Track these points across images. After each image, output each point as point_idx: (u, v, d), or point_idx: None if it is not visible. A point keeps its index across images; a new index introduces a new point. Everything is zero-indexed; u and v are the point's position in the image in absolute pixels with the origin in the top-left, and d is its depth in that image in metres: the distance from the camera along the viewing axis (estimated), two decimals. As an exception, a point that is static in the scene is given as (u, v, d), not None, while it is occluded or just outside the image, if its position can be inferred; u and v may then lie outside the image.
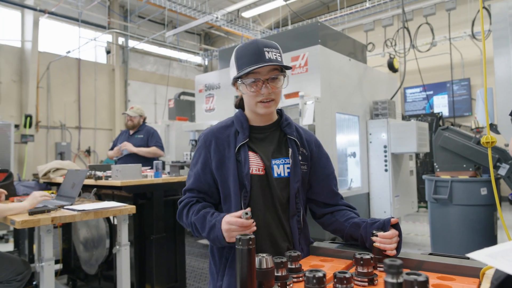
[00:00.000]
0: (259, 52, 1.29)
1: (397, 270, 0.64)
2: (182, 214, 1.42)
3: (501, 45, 3.05)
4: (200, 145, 1.43)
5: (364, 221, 1.35)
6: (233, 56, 1.36)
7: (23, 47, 10.43)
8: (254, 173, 1.35)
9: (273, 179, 1.36)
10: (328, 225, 1.47)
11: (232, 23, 10.49)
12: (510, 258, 0.66)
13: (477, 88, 9.75)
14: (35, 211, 2.22)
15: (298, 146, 1.42)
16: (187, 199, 1.41)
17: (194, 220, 1.34)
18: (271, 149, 1.41)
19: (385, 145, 5.10)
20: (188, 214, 1.37)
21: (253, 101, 1.34)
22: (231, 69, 1.38)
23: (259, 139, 1.42)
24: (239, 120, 1.42)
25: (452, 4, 7.58)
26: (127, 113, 4.56)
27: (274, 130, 1.45)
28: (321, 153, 1.51)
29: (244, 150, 1.36)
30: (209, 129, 1.46)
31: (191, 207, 1.38)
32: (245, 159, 1.34)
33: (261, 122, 1.43)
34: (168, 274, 3.42)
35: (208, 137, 1.42)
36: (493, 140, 2.00)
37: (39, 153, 10.67)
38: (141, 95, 13.55)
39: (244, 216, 1.17)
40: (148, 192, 3.24)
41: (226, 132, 1.42)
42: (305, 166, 1.43)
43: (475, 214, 3.83)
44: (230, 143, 1.38)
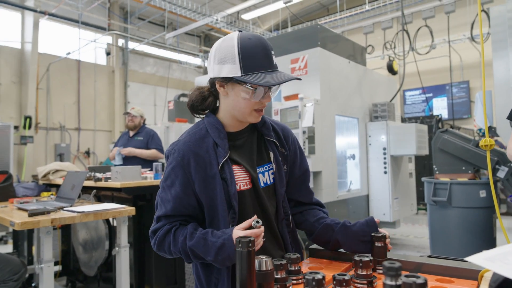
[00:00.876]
0: (269, 56, 1.17)
1: (396, 273, 0.64)
2: (164, 243, 1.21)
3: (500, 48, 3.07)
4: (175, 164, 1.22)
5: (336, 223, 1.29)
6: (235, 50, 1.15)
7: (23, 48, 10.44)
8: (242, 189, 1.24)
9: (261, 190, 1.27)
10: (298, 224, 1.41)
11: (232, 25, 10.51)
12: (508, 262, 0.67)
13: (476, 91, 9.78)
14: (34, 212, 2.22)
15: (277, 147, 1.34)
16: (167, 226, 1.22)
17: (191, 246, 1.15)
18: (254, 157, 1.30)
19: (385, 147, 5.11)
20: (176, 241, 1.19)
21: (249, 109, 1.21)
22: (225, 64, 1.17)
23: (238, 146, 1.28)
24: (215, 128, 1.25)
25: (451, 7, 7.61)
26: (130, 111, 4.57)
27: (251, 132, 1.33)
28: (296, 149, 1.42)
29: (228, 166, 1.21)
30: (182, 142, 1.24)
31: (176, 232, 1.20)
32: (231, 176, 1.21)
33: (238, 127, 1.30)
34: (167, 276, 3.42)
35: (185, 155, 1.21)
36: (491, 143, 2.01)
37: (39, 154, 10.66)
38: (141, 96, 13.56)
39: (256, 225, 1.10)
40: (147, 194, 3.24)
41: (203, 145, 1.23)
42: (285, 166, 1.35)
43: (474, 216, 3.84)
44: (211, 159, 1.21)
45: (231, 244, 1.10)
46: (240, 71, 1.15)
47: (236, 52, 1.15)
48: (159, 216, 1.25)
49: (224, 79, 1.19)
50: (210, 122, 1.27)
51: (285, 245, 1.34)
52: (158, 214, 1.25)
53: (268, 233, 1.28)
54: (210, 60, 1.24)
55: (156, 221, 1.26)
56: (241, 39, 1.16)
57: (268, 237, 1.28)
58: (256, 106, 1.21)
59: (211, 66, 1.23)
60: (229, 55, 1.16)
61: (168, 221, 1.23)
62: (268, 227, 1.28)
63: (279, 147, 1.34)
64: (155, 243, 1.24)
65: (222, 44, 1.19)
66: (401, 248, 5.37)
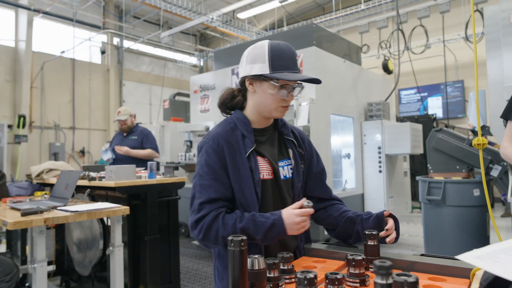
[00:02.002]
0: (295, 59, 1.34)
1: (387, 271, 0.64)
2: (211, 230, 1.25)
3: (494, 47, 3.08)
4: (210, 150, 1.33)
5: (358, 215, 1.39)
6: (265, 51, 1.31)
7: (17, 46, 10.36)
8: (265, 178, 1.36)
9: (281, 181, 1.39)
10: (321, 220, 1.49)
11: (227, 24, 10.49)
12: (498, 260, 0.67)
13: (470, 90, 9.83)
14: (27, 212, 2.20)
15: (295, 146, 1.46)
16: (213, 212, 1.26)
17: (241, 227, 1.22)
18: (275, 151, 1.43)
19: (379, 146, 5.13)
20: (226, 224, 1.24)
21: (275, 105, 1.34)
22: (256, 64, 1.32)
23: (262, 142, 1.41)
24: (243, 122, 1.38)
25: (446, 7, 7.64)
26: (118, 118, 4.52)
27: (272, 131, 1.46)
28: (312, 150, 1.55)
29: (253, 156, 1.34)
30: (215, 132, 1.38)
31: (225, 217, 1.26)
32: (256, 165, 1.33)
33: (262, 124, 1.43)
34: (162, 275, 3.41)
35: (219, 141, 1.33)
36: (484, 142, 2.02)
37: (33, 153, 10.59)
38: (136, 95, 13.51)
39: (307, 206, 1.21)
40: (142, 193, 3.23)
41: (233, 136, 1.36)
42: (303, 165, 1.47)
43: (468, 215, 3.86)
44: (240, 148, 1.34)
45: (281, 223, 1.21)
46: (269, 69, 1.30)
47: (267, 53, 1.31)
48: (201, 203, 1.28)
49: (254, 76, 1.34)
50: (238, 118, 1.41)
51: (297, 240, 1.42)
52: (201, 201, 1.28)
53: None
54: (242, 63, 1.40)
55: (199, 209, 1.28)
56: (271, 44, 1.34)
57: None
58: (281, 103, 1.35)
59: (242, 67, 1.38)
60: (260, 56, 1.32)
61: (212, 206, 1.28)
62: None
63: (297, 146, 1.47)
64: (200, 231, 1.26)
65: (253, 49, 1.36)
66: (396, 247, 5.39)
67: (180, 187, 3.58)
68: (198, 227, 1.26)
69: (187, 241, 5.99)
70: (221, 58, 6.04)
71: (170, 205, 3.55)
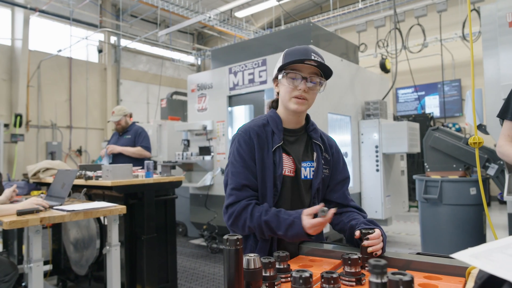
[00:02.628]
0: (306, 53, 1.38)
1: (381, 270, 0.64)
2: (240, 218, 1.36)
3: (490, 46, 3.09)
4: (243, 140, 1.43)
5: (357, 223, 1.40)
6: (282, 54, 1.44)
7: (13, 45, 10.31)
8: (286, 174, 1.43)
9: (301, 180, 1.45)
10: (334, 225, 1.53)
11: (225, 23, 10.47)
12: (493, 258, 0.67)
13: (467, 89, 9.86)
14: (23, 211, 2.19)
15: (322, 150, 1.51)
16: (244, 202, 1.37)
17: (266, 220, 1.31)
18: (301, 151, 1.49)
19: (377, 145, 5.14)
20: (253, 216, 1.34)
21: (288, 96, 1.41)
22: (276, 66, 1.45)
23: (290, 142, 1.48)
24: (274, 120, 1.47)
25: (443, 6, 7.65)
26: (111, 120, 4.51)
27: (303, 133, 1.53)
28: (339, 158, 1.60)
29: (279, 152, 1.42)
30: (248, 125, 1.48)
31: (254, 209, 1.35)
32: (280, 161, 1.41)
33: (293, 125, 1.50)
34: (159, 275, 3.41)
35: (251, 134, 1.43)
36: (480, 141, 2.02)
37: (30, 152, 10.55)
38: (134, 94, 13.48)
39: (321, 214, 1.24)
40: (139, 192, 3.22)
41: (264, 131, 1.45)
42: (327, 170, 1.53)
43: (464, 213, 3.87)
44: (268, 142, 1.43)
45: (299, 222, 1.26)
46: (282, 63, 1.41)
47: (282, 55, 1.44)
48: (232, 188, 1.39)
49: (276, 76, 1.47)
50: (271, 115, 1.50)
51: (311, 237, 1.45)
52: (231, 187, 1.39)
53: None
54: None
55: (229, 195, 1.40)
56: (288, 48, 1.45)
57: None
58: (294, 93, 1.40)
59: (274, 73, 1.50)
60: (279, 59, 1.45)
61: (242, 194, 1.38)
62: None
63: (323, 151, 1.52)
64: (230, 217, 1.37)
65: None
66: (393, 246, 5.41)
67: (177, 186, 3.57)
68: (228, 213, 1.38)
69: (184, 240, 5.99)
70: (219, 57, 6.03)
71: (167, 204, 3.54)
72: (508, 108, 1.94)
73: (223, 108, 5.50)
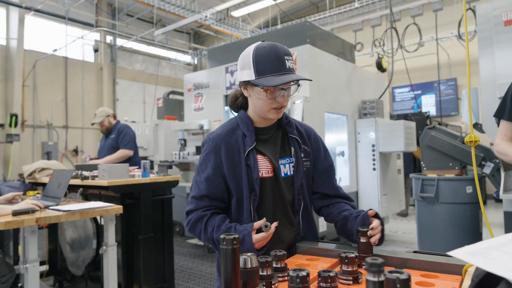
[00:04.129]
0: (280, 60, 1.30)
1: (378, 269, 0.64)
2: (195, 228, 1.38)
3: (486, 45, 3.10)
4: (209, 150, 1.41)
5: (351, 213, 1.41)
6: (250, 57, 1.33)
7: (8, 44, 10.24)
8: (264, 176, 1.39)
9: (281, 179, 1.42)
10: (325, 217, 1.53)
11: (221, 22, 10.45)
12: (490, 256, 0.67)
13: (463, 88, 9.90)
14: (19, 211, 2.18)
15: (299, 143, 1.47)
16: (200, 212, 1.37)
17: (217, 238, 1.29)
18: (277, 149, 1.45)
19: (373, 144, 5.15)
20: (207, 229, 1.34)
21: (267, 108, 1.36)
22: (244, 70, 1.35)
23: (264, 140, 1.45)
24: (245, 122, 1.43)
25: (439, 5, 7.68)
26: (93, 122, 4.47)
27: (277, 129, 1.49)
28: (320, 146, 1.56)
29: (253, 154, 1.38)
30: (216, 133, 1.44)
31: (208, 221, 1.35)
32: (255, 164, 1.37)
33: (265, 123, 1.46)
34: (156, 274, 3.40)
35: (218, 142, 1.40)
36: (476, 139, 2.03)
37: (25, 152, 10.49)
38: (130, 94, 13.43)
39: (265, 229, 1.22)
40: (135, 192, 3.21)
41: (233, 136, 1.42)
42: (308, 162, 1.49)
43: (461, 212, 3.89)
44: (239, 147, 1.39)
45: (250, 240, 1.23)
46: (254, 75, 1.32)
47: (251, 59, 1.33)
48: (193, 196, 1.41)
49: (244, 82, 1.38)
50: (241, 118, 1.46)
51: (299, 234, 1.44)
52: (192, 195, 1.41)
53: (285, 219, 1.43)
54: (238, 67, 1.43)
55: (189, 202, 1.42)
56: (256, 48, 1.34)
57: (284, 223, 1.42)
58: (273, 105, 1.36)
59: (238, 72, 1.42)
60: (247, 62, 1.35)
61: (200, 203, 1.38)
62: (285, 213, 1.43)
63: (301, 144, 1.48)
64: (188, 224, 1.40)
65: (244, 53, 1.39)
66: (390, 244, 5.42)
67: (174, 186, 3.56)
68: (187, 219, 1.40)
69: (181, 240, 5.98)
70: (215, 56, 6.02)
71: (164, 204, 3.53)
72: (505, 107, 1.95)
73: (220, 107, 5.50)
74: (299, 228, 1.44)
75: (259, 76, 1.31)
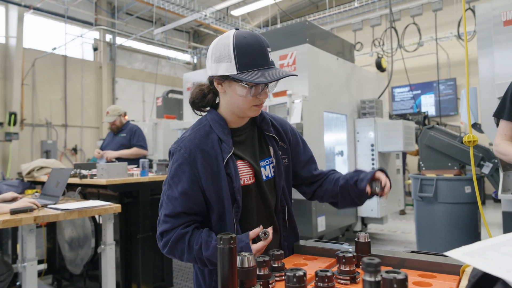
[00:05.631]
0: (263, 53, 1.19)
1: (375, 269, 0.64)
2: (176, 249, 1.21)
3: (485, 45, 3.10)
4: (182, 160, 1.23)
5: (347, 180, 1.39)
6: (230, 48, 1.18)
7: (7, 43, 10.22)
8: (246, 183, 1.27)
9: (263, 184, 1.31)
10: (321, 197, 1.48)
11: (221, 21, 10.45)
12: (487, 256, 0.67)
13: (463, 88, 9.88)
14: (17, 210, 2.18)
15: (277, 141, 1.38)
16: (179, 230, 1.21)
17: (208, 256, 1.17)
18: (256, 151, 1.34)
19: (372, 143, 5.15)
20: (191, 249, 1.19)
21: (248, 105, 1.24)
22: (221, 63, 1.19)
23: (240, 142, 1.32)
24: (218, 124, 1.28)
25: (439, 5, 7.68)
26: (106, 120, 4.50)
27: (251, 128, 1.37)
28: (298, 139, 1.49)
29: (232, 161, 1.24)
30: (188, 139, 1.26)
31: (191, 239, 1.20)
32: (235, 172, 1.24)
33: (240, 122, 1.33)
34: (154, 273, 3.40)
35: (192, 151, 1.23)
36: (474, 139, 2.03)
37: (24, 151, 10.48)
38: (129, 93, 13.41)
39: (263, 237, 1.17)
40: (134, 191, 3.21)
41: (208, 142, 1.25)
42: (286, 159, 1.40)
43: (459, 212, 3.89)
44: (216, 155, 1.24)
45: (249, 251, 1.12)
46: (236, 69, 1.17)
47: (232, 51, 1.17)
48: (166, 215, 1.23)
49: (221, 77, 1.22)
50: (213, 119, 1.30)
51: (280, 238, 1.38)
52: (166, 213, 1.23)
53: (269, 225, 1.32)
54: (208, 59, 1.27)
55: (163, 221, 1.23)
56: (236, 38, 1.19)
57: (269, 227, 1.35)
58: (254, 102, 1.24)
59: (209, 65, 1.26)
60: (225, 53, 1.18)
61: (177, 221, 1.21)
62: (270, 220, 1.34)
63: (278, 141, 1.39)
64: (165, 246, 1.22)
65: (218, 43, 1.22)
66: (388, 244, 5.43)
67: (172, 185, 3.55)
68: (163, 241, 1.22)
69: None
70: (214, 55, 6.00)
71: (163, 202, 3.53)
72: (504, 107, 1.95)
73: (219, 106, 5.48)
74: (285, 231, 1.38)
75: (242, 71, 1.17)
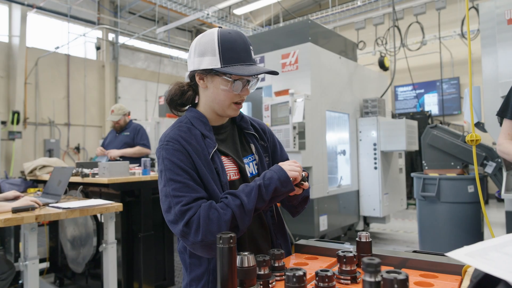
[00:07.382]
0: (247, 49, 1.21)
1: (375, 269, 0.63)
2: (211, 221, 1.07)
3: (489, 44, 3.08)
4: (173, 150, 1.16)
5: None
6: (215, 43, 1.18)
7: (11, 42, 10.25)
8: (232, 179, 1.25)
9: (249, 180, 1.29)
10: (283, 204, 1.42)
11: (223, 20, 10.44)
12: (489, 257, 0.66)
13: (466, 87, 9.85)
14: (18, 208, 2.18)
15: (257, 139, 1.39)
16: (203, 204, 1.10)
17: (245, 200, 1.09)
18: (238, 148, 1.33)
19: (375, 143, 5.13)
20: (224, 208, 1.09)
21: (228, 101, 1.23)
22: (205, 57, 1.19)
23: (222, 140, 1.30)
24: (200, 121, 1.26)
25: (442, 4, 7.64)
26: (110, 119, 4.51)
27: (231, 127, 1.37)
28: (275, 141, 1.48)
29: (217, 156, 1.22)
30: (173, 133, 1.21)
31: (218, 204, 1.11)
32: (222, 167, 1.21)
33: (219, 121, 1.32)
34: (156, 272, 3.40)
35: (181, 141, 1.18)
36: (477, 138, 2.01)
37: (27, 150, 10.51)
38: (132, 91, 13.43)
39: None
40: (136, 190, 3.21)
41: (192, 137, 1.21)
42: (267, 158, 1.40)
43: (462, 211, 3.87)
44: (203, 150, 1.20)
45: (279, 168, 1.14)
46: (220, 63, 1.18)
47: (216, 45, 1.18)
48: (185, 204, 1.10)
49: (204, 71, 1.21)
50: (194, 116, 1.28)
51: (271, 236, 1.35)
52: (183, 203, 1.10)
53: (258, 223, 1.31)
54: (190, 54, 1.27)
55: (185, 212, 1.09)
56: (221, 33, 1.20)
57: (257, 226, 1.31)
58: (235, 98, 1.24)
59: (191, 60, 1.25)
60: (209, 48, 1.19)
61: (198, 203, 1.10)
62: (258, 216, 1.31)
63: (259, 139, 1.39)
64: (198, 231, 1.07)
65: (202, 39, 1.23)
66: (391, 243, 5.41)
67: (174, 184, 3.55)
68: (193, 228, 1.07)
69: (182, 237, 5.98)
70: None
71: (165, 201, 3.53)
72: (508, 106, 1.94)
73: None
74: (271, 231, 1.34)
75: (226, 65, 1.17)
